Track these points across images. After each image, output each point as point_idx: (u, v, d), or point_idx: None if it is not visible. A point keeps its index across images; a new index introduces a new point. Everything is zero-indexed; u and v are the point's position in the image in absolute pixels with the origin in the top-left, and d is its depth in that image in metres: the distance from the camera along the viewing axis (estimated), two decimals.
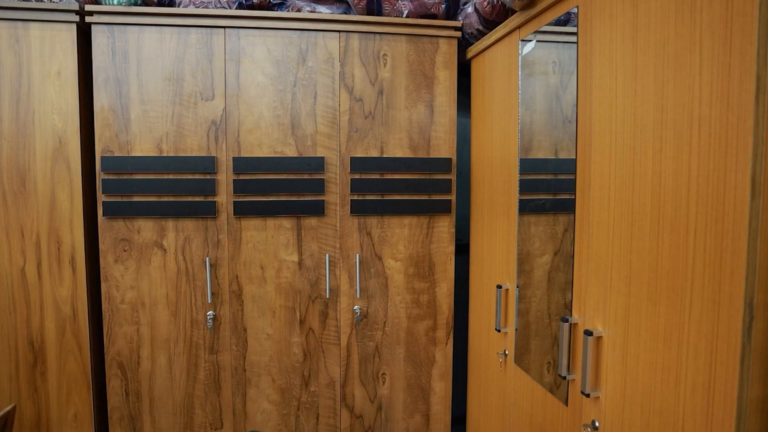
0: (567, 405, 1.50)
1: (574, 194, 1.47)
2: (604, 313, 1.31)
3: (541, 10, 1.61)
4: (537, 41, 1.68)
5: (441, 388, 2.29)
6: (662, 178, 1.08)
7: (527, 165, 1.78)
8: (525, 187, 1.79)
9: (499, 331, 1.92)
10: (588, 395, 1.34)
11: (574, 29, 1.48)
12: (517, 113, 1.79)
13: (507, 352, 1.90)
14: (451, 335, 2.27)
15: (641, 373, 1.16)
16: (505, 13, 1.92)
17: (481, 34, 2.07)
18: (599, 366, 1.33)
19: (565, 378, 1.47)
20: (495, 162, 1.99)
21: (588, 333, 1.33)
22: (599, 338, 1.33)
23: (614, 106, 1.26)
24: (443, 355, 2.27)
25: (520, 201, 1.80)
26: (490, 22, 1.97)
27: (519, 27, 1.77)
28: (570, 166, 1.55)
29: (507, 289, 1.89)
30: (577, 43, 1.44)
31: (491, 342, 2.05)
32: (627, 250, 1.21)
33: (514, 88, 1.82)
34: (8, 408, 1.26)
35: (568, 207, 1.59)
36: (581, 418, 1.42)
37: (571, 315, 1.49)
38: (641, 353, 1.16)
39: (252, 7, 2.11)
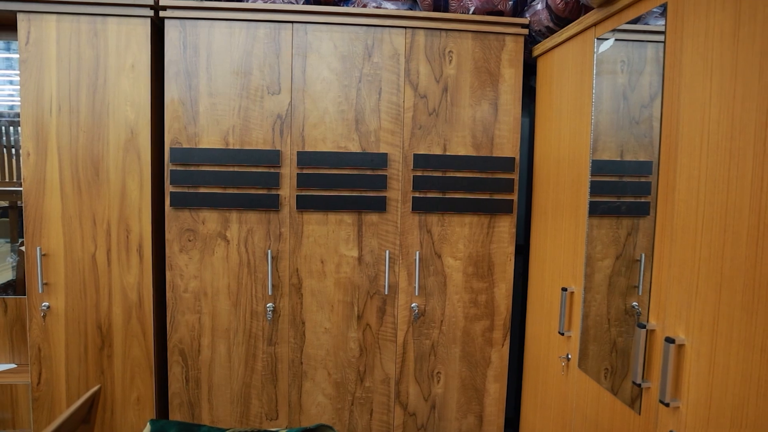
0: (639, 413, 1.46)
1: (656, 197, 1.42)
2: (687, 321, 1.27)
3: (622, 7, 1.56)
4: (615, 40, 1.64)
5: (495, 390, 2.26)
6: (764, 182, 1.03)
7: (596, 166, 1.73)
8: (594, 189, 1.75)
9: (562, 334, 1.88)
10: (667, 404, 1.29)
11: (656, 27, 1.44)
12: (590, 113, 1.75)
13: (570, 356, 1.86)
14: (508, 336, 2.24)
15: (732, 384, 1.12)
16: (579, 10, 1.88)
17: (550, 32, 2.03)
18: (680, 375, 1.29)
19: (639, 386, 1.43)
20: (562, 162, 1.95)
21: (669, 340, 1.28)
22: (681, 346, 1.29)
23: (708, 106, 1.21)
24: (499, 356, 2.24)
25: (590, 203, 1.76)
26: (562, 19, 1.93)
27: (595, 24, 1.72)
28: (639, 168, 1.51)
29: (572, 292, 1.85)
30: (664, 42, 1.39)
31: (552, 345, 2.01)
32: (718, 256, 1.17)
33: (587, 88, 1.77)
34: (95, 389, 1.30)
35: (635, 210, 1.55)
36: (656, 428, 1.38)
37: (647, 321, 1.44)
38: (732, 364, 1.12)
39: (319, 2, 2.12)
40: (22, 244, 2.33)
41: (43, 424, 2.08)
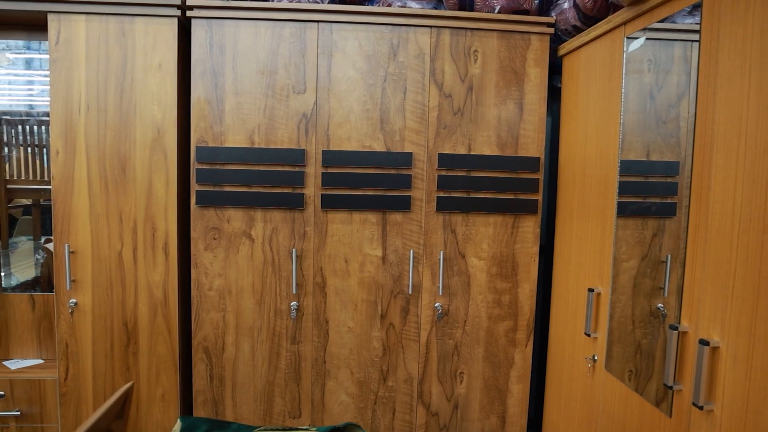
0: (670, 416, 1.44)
1: (688, 197, 1.40)
2: (722, 323, 1.25)
3: (653, 5, 1.55)
4: (646, 39, 1.62)
5: (519, 390, 2.25)
6: None
7: (623, 167, 1.72)
8: (621, 189, 1.74)
9: (588, 335, 1.87)
10: (701, 408, 1.28)
11: (687, 26, 1.42)
12: (619, 113, 1.74)
13: (596, 358, 1.85)
14: (531, 337, 2.23)
15: None
16: (607, 8, 1.86)
17: (576, 31, 2.02)
18: (714, 378, 1.27)
19: (670, 388, 1.41)
20: (588, 162, 1.93)
21: (704, 343, 1.27)
22: (715, 349, 1.27)
23: (745, 105, 1.19)
24: (522, 356, 2.23)
25: (618, 203, 1.75)
26: (590, 18, 1.91)
27: (625, 23, 1.71)
28: (666, 168, 1.50)
29: (599, 294, 1.84)
30: (699, 40, 1.37)
31: (577, 346, 2.00)
32: (756, 257, 1.15)
33: (616, 87, 1.76)
34: (128, 385, 1.32)
35: (662, 210, 1.54)
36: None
37: (679, 323, 1.43)
38: None
39: (345, 1, 2.12)
40: (46, 241, 2.36)
41: (70, 419, 2.11)
